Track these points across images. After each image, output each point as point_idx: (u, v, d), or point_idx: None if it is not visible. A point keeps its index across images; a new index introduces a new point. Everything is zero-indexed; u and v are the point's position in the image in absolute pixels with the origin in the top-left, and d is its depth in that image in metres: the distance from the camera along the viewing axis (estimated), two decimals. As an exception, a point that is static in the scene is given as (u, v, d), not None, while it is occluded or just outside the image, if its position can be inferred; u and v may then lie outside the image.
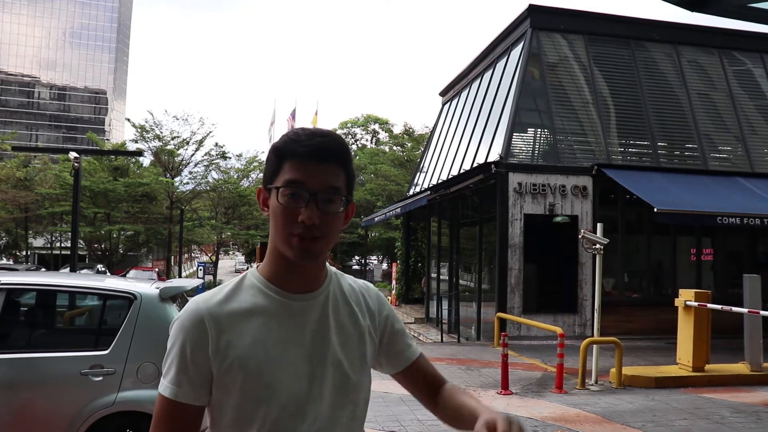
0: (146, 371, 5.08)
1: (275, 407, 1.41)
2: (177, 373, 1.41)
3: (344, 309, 1.57)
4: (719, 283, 16.17)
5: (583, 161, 15.59)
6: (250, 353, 1.41)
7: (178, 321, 1.44)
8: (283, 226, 1.42)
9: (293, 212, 1.41)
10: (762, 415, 7.89)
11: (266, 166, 1.51)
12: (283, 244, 1.44)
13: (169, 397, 1.41)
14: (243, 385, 1.40)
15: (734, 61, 18.23)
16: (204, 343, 1.40)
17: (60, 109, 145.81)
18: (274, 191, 1.44)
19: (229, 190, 38.84)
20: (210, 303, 1.44)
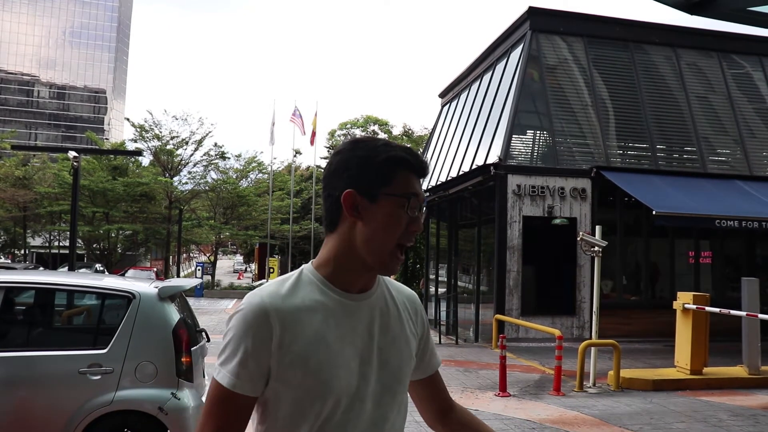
0: (144, 370, 5.08)
1: (330, 403, 1.44)
2: (237, 365, 1.41)
3: (393, 311, 1.61)
4: (717, 286, 16.19)
5: (582, 164, 15.60)
6: (311, 350, 1.42)
7: (241, 313, 1.44)
8: (397, 236, 1.47)
9: (408, 222, 1.48)
10: (760, 419, 7.90)
11: (366, 171, 1.47)
12: (385, 254, 1.48)
13: (226, 386, 1.42)
14: (303, 380, 1.42)
15: (733, 64, 18.25)
16: (268, 338, 1.41)
17: (59, 108, 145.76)
18: (391, 198, 1.46)
19: (227, 190, 38.80)
20: (274, 297, 1.44)
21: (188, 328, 5.46)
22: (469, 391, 9.40)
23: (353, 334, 1.49)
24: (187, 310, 5.92)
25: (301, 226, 41.62)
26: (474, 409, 8.18)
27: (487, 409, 8.19)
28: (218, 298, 32.62)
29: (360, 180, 1.46)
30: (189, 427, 5.13)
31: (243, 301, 1.47)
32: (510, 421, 7.56)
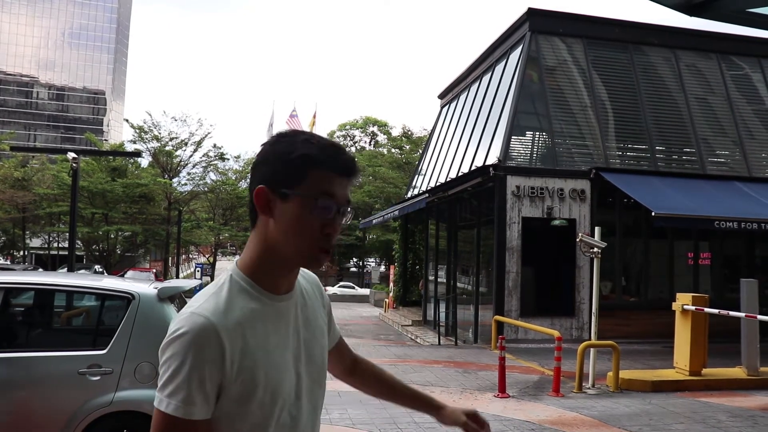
0: (144, 371, 5.07)
1: (280, 410, 1.44)
2: (192, 392, 1.32)
3: (309, 302, 1.61)
4: (717, 287, 16.21)
5: (581, 165, 15.61)
6: (258, 361, 1.40)
7: (187, 337, 1.33)
8: (309, 237, 1.41)
9: (322, 224, 1.41)
10: (758, 420, 7.90)
11: (279, 167, 1.42)
12: (301, 253, 1.43)
13: (182, 416, 1.33)
14: (254, 392, 1.39)
15: (732, 65, 18.27)
16: (220, 358, 1.34)
17: (58, 109, 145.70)
18: (298, 198, 1.40)
19: (227, 191, 38.84)
20: (218, 315, 1.37)
21: None
22: (468, 392, 9.40)
23: (287, 336, 1.48)
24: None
25: (300, 228, 41.61)
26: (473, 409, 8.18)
27: (486, 410, 8.19)
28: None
29: (273, 176, 1.41)
30: None
31: (180, 324, 1.35)
32: (509, 422, 7.57)
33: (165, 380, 1.35)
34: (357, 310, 29.01)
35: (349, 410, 8.04)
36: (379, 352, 13.90)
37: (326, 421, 7.52)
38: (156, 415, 1.37)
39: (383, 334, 19.07)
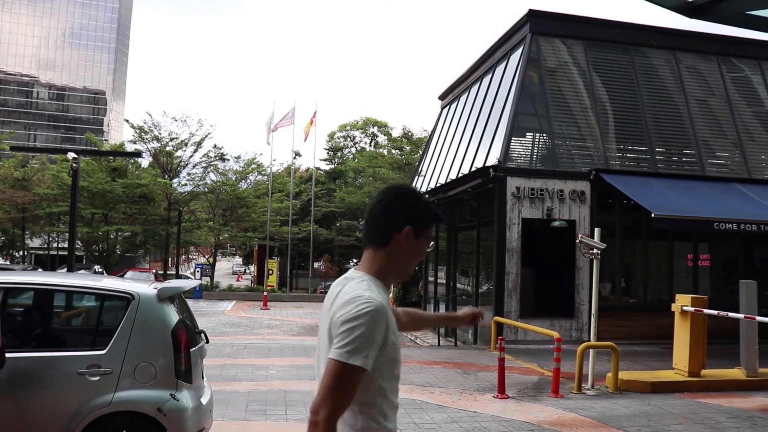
0: (144, 371, 5.08)
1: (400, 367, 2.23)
2: (371, 351, 1.98)
3: None
4: (716, 288, 16.22)
5: (582, 166, 15.62)
6: (395, 334, 2.13)
7: (371, 312, 1.99)
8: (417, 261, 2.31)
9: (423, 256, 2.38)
10: (757, 421, 7.91)
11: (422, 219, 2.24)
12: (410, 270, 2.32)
13: (363, 367, 1.95)
14: (393, 354, 2.11)
15: (732, 67, 18.29)
16: (385, 329, 2.04)
17: (58, 109, 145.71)
18: (424, 239, 2.26)
19: (227, 192, 38.76)
20: (382, 300, 2.06)
21: (187, 330, 5.46)
22: (468, 392, 9.41)
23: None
24: (186, 311, 5.94)
25: (300, 228, 41.61)
26: (472, 410, 8.20)
27: (485, 410, 8.21)
28: (217, 299, 32.63)
29: (417, 222, 2.21)
30: (188, 428, 5.13)
31: (364, 303, 2.01)
32: (509, 423, 7.58)
33: (354, 340, 1.96)
34: (357, 310, 28.99)
35: (349, 411, 8.04)
36: (379, 352, 13.90)
37: (326, 421, 7.53)
38: (338, 366, 1.95)
39: (383, 335, 19.06)
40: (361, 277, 2.16)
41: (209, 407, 5.77)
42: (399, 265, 2.22)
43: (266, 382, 10.00)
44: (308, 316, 24.84)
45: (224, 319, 22.42)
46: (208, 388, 6.01)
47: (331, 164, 52.41)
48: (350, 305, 2.00)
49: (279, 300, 33.18)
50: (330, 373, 1.94)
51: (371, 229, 2.23)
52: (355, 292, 2.05)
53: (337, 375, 1.93)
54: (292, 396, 8.91)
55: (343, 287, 2.15)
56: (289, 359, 12.54)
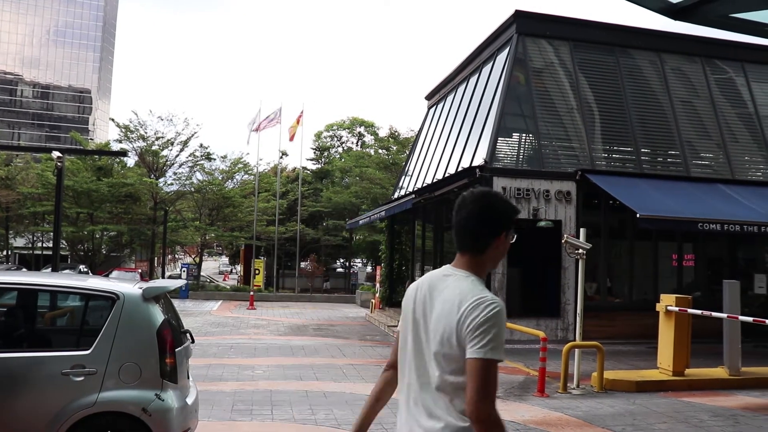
0: (128, 371, 5.05)
1: None
2: (503, 345, 2.18)
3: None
4: (700, 288, 16.35)
5: (567, 166, 15.70)
6: None
7: (502, 311, 2.20)
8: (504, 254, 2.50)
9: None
10: (740, 419, 7.99)
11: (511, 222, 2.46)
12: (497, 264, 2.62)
13: (501, 359, 2.17)
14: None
15: (716, 69, 18.45)
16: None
17: (43, 107, 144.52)
18: (512, 233, 2.49)
19: (213, 191, 38.57)
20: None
21: (173, 329, 5.44)
22: (454, 392, 9.41)
23: None
24: (171, 311, 5.91)
25: (287, 228, 41.49)
26: (459, 410, 8.21)
27: (471, 410, 8.22)
28: (203, 299, 32.49)
29: (508, 225, 2.44)
30: (173, 428, 5.11)
31: (491, 302, 2.19)
32: (494, 422, 7.59)
33: (494, 338, 2.14)
34: (343, 310, 28.98)
35: (335, 411, 8.05)
36: (366, 352, 13.91)
37: (312, 421, 7.53)
38: (486, 363, 2.12)
39: (369, 335, 19.07)
40: (467, 275, 2.33)
41: (195, 407, 5.75)
42: (494, 262, 2.46)
43: (252, 382, 9.97)
44: (295, 316, 24.80)
45: (210, 319, 22.32)
46: (194, 388, 5.99)
47: (318, 164, 52.32)
48: (480, 307, 2.17)
49: (266, 300, 33.08)
50: (478, 371, 2.10)
51: (468, 240, 2.38)
52: (475, 294, 2.22)
53: (486, 371, 2.11)
54: (278, 396, 8.89)
55: (449, 285, 2.32)
56: (276, 359, 12.51)
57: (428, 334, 2.30)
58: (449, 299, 2.26)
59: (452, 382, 2.20)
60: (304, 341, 16.11)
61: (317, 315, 25.71)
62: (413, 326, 2.37)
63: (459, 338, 2.18)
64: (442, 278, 2.37)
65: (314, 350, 14.06)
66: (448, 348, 2.20)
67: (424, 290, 2.38)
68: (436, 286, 2.36)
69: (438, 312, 2.28)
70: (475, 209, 2.36)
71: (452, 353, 2.20)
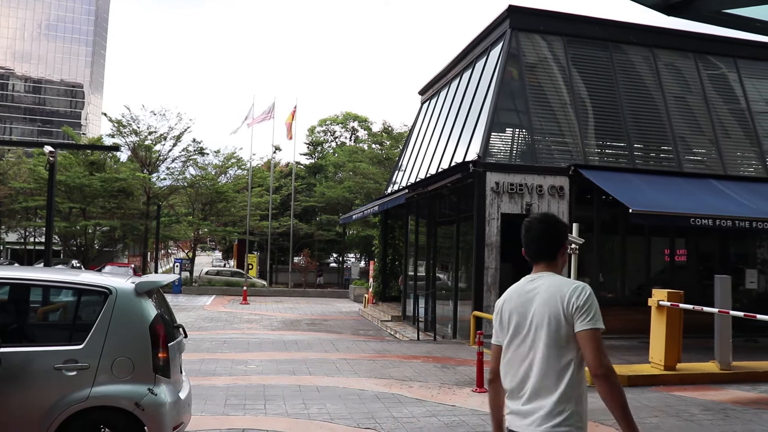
0: (121, 366, 5.05)
1: None
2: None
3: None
4: (692, 283, 16.42)
5: (560, 162, 15.73)
6: None
7: (592, 290, 2.83)
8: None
9: None
10: (730, 413, 8.04)
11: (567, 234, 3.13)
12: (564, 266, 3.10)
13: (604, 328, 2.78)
14: None
15: (709, 65, 18.50)
16: None
17: (35, 102, 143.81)
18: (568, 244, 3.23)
19: (206, 186, 38.52)
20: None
21: (165, 324, 5.44)
22: (447, 386, 9.46)
23: None
24: (164, 305, 5.91)
25: (280, 223, 41.47)
26: (451, 404, 8.25)
27: (464, 404, 8.26)
28: (196, 294, 32.46)
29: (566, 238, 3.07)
30: (166, 422, 5.11)
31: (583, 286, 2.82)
32: (487, 416, 7.60)
33: (595, 312, 2.75)
34: (336, 305, 29.01)
35: (328, 405, 8.06)
36: (359, 347, 13.93)
37: (305, 416, 7.54)
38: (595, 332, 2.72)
39: (362, 330, 19.10)
40: (551, 274, 2.95)
41: (188, 402, 5.75)
42: (562, 266, 3.06)
43: (245, 377, 9.98)
44: (288, 311, 24.81)
45: (203, 314, 22.32)
46: (187, 383, 5.99)
47: (311, 159, 52.27)
48: (577, 292, 2.78)
49: (259, 294, 33.08)
50: (592, 340, 2.70)
51: (544, 252, 3.01)
52: (568, 282, 2.86)
53: (597, 338, 2.71)
54: (271, 390, 8.90)
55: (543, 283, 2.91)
56: (269, 354, 12.52)
57: (533, 327, 2.83)
58: (548, 291, 2.84)
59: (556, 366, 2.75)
60: (297, 336, 16.12)
61: (310, 310, 25.74)
62: (514, 331, 2.91)
63: (566, 318, 2.75)
64: (528, 284, 2.98)
65: (307, 345, 14.07)
66: (555, 328, 2.76)
67: (515, 300, 2.98)
68: (526, 291, 2.94)
69: (539, 304, 2.84)
70: (541, 228, 3.02)
71: (560, 332, 2.75)
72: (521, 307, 2.91)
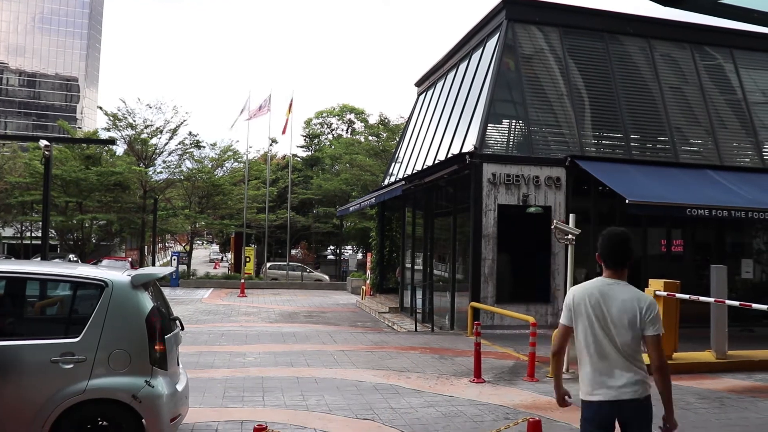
0: (118, 359, 5.06)
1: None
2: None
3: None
4: (688, 273, 16.45)
5: (557, 153, 15.74)
6: None
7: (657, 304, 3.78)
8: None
9: None
10: (726, 401, 8.08)
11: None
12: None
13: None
14: None
15: (705, 55, 18.49)
16: None
17: (30, 96, 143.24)
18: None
19: (203, 179, 38.43)
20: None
21: (162, 316, 5.44)
22: (445, 377, 9.49)
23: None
24: (160, 298, 5.91)
25: (277, 215, 41.46)
26: (449, 395, 8.28)
27: (462, 395, 8.29)
28: (194, 287, 32.46)
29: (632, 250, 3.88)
30: (163, 414, 5.12)
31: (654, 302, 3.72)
32: (484, 406, 7.66)
33: (659, 323, 3.68)
34: (334, 297, 29.04)
35: (326, 396, 8.08)
36: (356, 338, 13.96)
37: (303, 407, 7.56)
38: (659, 337, 3.66)
39: (360, 321, 19.13)
40: (625, 283, 3.81)
41: (185, 394, 5.77)
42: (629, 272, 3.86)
43: (243, 369, 9.99)
44: (286, 303, 24.83)
45: (201, 307, 22.32)
46: (184, 375, 6.00)
47: (308, 151, 52.22)
48: (649, 302, 3.72)
49: (256, 287, 33.09)
50: (658, 342, 3.67)
51: (627, 258, 3.82)
52: (645, 296, 3.77)
53: (660, 341, 3.68)
54: (269, 382, 8.92)
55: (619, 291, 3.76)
56: (267, 346, 12.54)
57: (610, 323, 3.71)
58: (627, 299, 3.70)
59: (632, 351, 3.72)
60: (295, 328, 16.14)
61: (308, 302, 25.75)
62: (589, 321, 3.75)
63: (641, 324, 3.66)
64: (607, 286, 3.78)
65: (305, 337, 14.09)
66: (632, 329, 3.66)
67: (596, 296, 3.76)
68: (606, 292, 3.75)
69: (618, 308, 3.69)
70: (628, 240, 3.84)
71: (635, 333, 3.67)
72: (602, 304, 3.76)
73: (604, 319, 3.70)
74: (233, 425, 6.71)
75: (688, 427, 6.77)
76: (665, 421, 3.73)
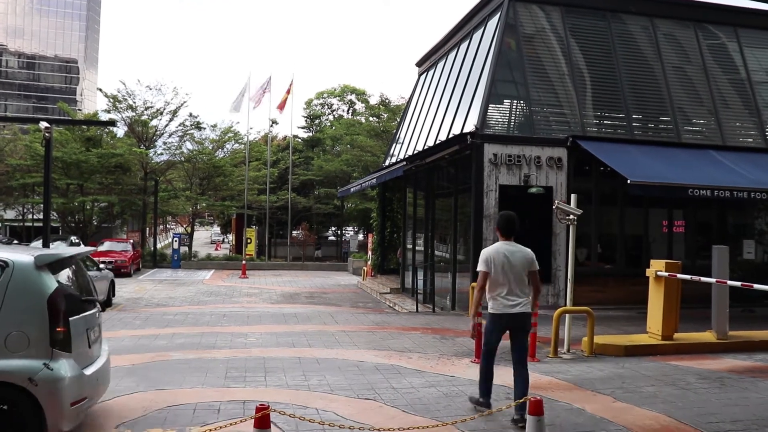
0: (16, 340, 4.93)
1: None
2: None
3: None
4: (690, 253, 16.47)
5: (559, 133, 15.67)
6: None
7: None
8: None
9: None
10: (726, 381, 8.11)
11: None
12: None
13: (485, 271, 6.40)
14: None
15: (708, 34, 18.34)
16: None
17: (29, 78, 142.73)
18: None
19: (203, 160, 38.36)
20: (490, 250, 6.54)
21: (68, 297, 5.32)
22: (446, 357, 9.52)
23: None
24: (82, 278, 5.83)
25: (278, 197, 41.42)
26: (450, 375, 8.31)
27: (463, 375, 8.32)
28: (195, 269, 32.55)
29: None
30: (62, 398, 4.98)
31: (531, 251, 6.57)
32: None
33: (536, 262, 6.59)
34: (335, 278, 29.10)
35: (328, 376, 8.12)
36: (358, 319, 14.01)
37: (305, 387, 7.60)
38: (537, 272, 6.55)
39: (362, 302, 19.18)
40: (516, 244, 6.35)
41: (97, 376, 5.60)
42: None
43: (245, 350, 10.04)
44: (287, 284, 24.89)
45: (203, 288, 22.39)
46: (103, 358, 5.90)
47: (309, 132, 52.03)
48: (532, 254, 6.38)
49: (258, 268, 33.17)
50: (537, 273, 6.42)
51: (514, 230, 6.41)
52: (527, 249, 6.37)
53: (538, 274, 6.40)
54: (271, 363, 8.96)
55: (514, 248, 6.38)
56: (268, 327, 12.58)
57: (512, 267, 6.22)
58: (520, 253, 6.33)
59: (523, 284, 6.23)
60: (297, 309, 16.19)
61: (309, 283, 25.82)
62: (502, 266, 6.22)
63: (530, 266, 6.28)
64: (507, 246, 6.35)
65: (306, 318, 14.13)
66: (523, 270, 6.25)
67: (503, 251, 6.26)
68: (508, 248, 6.32)
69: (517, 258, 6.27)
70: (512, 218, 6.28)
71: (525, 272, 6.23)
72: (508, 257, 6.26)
73: (510, 264, 6.23)
74: (235, 405, 6.74)
75: (688, 407, 6.80)
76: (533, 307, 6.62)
